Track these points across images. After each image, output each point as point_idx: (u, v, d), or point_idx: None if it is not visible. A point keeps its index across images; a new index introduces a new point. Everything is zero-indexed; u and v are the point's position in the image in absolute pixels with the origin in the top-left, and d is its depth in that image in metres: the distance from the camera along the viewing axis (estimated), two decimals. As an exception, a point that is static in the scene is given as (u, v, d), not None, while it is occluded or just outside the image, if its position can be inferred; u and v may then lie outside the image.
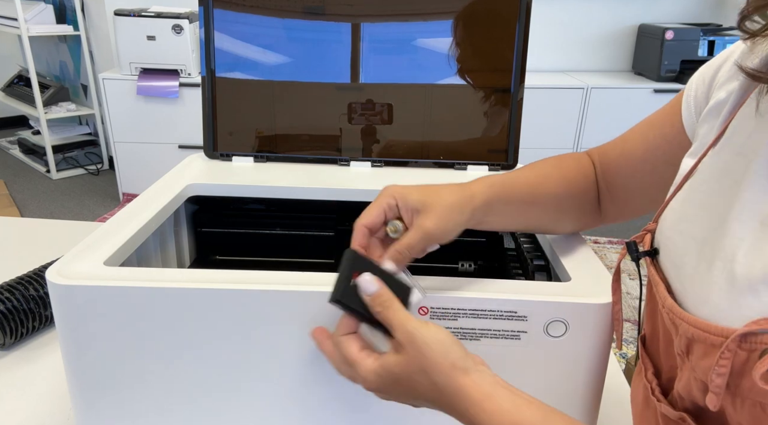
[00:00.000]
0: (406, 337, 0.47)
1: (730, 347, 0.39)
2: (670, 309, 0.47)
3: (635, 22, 3.28)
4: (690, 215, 0.48)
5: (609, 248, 2.80)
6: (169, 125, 3.02)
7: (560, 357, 0.55)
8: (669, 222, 0.51)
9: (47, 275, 0.55)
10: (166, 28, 2.84)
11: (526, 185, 0.62)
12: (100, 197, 3.29)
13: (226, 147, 0.83)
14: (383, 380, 0.48)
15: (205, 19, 0.80)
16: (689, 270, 0.46)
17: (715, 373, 0.40)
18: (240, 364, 0.57)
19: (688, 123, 0.56)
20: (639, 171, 0.62)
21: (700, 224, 0.47)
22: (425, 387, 0.47)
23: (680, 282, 0.47)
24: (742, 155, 0.45)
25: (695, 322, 0.43)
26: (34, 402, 0.70)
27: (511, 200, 0.60)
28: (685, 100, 0.56)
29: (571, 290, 0.56)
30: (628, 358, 1.85)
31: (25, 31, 3.21)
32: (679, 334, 0.45)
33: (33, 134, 3.86)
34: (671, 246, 0.49)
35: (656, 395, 0.51)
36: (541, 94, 3.00)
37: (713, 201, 0.46)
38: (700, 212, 0.47)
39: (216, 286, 0.54)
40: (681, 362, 0.47)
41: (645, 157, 0.61)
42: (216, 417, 0.60)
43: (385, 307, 0.49)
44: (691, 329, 0.43)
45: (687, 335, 0.44)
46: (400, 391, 0.49)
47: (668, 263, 0.49)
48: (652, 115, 0.62)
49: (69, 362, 0.58)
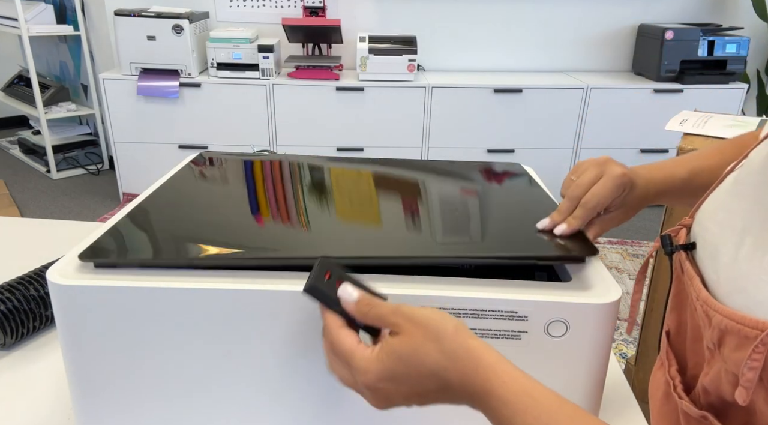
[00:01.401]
0: (403, 317, 0.45)
1: (765, 340, 0.38)
2: (704, 301, 0.46)
3: (635, 22, 3.28)
4: (731, 206, 0.47)
5: (609, 248, 2.80)
6: (169, 125, 3.02)
7: (561, 357, 0.55)
8: (707, 213, 0.50)
9: (47, 275, 0.55)
10: (166, 28, 2.85)
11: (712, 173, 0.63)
12: (100, 197, 3.29)
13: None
14: (385, 366, 0.44)
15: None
16: (726, 259, 0.45)
17: (747, 366, 0.39)
18: (241, 364, 0.57)
19: None
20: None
21: (741, 214, 0.46)
22: (433, 358, 0.43)
23: (715, 272, 0.46)
24: None
25: (730, 314, 0.42)
26: (34, 402, 0.70)
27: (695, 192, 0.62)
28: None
29: (571, 290, 0.56)
30: (627, 358, 1.85)
31: (26, 31, 3.21)
32: (711, 326, 0.44)
33: (33, 134, 3.86)
34: (708, 236, 0.49)
35: (678, 392, 0.50)
36: (541, 94, 3.00)
37: (759, 192, 0.45)
38: (743, 202, 0.46)
39: (216, 286, 0.54)
40: (710, 355, 0.46)
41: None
42: (216, 417, 0.60)
43: (372, 305, 0.47)
44: (725, 320, 0.42)
45: (720, 326, 0.43)
46: (404, 378, 0.44)
47: (704, 255, 0.49)
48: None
49: (69, 362, 0.58)
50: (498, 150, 3.07)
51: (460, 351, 0.43)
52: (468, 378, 0.42)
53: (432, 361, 0.43)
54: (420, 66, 3.25)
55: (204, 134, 3.04)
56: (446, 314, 0.45)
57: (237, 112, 2.99)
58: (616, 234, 2.93)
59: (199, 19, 3.01)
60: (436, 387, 0.44)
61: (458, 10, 3.23)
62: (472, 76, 3.13)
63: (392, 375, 0.44)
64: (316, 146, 3.04)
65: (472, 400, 0.43)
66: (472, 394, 0.42)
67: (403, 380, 0.44)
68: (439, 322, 0.44)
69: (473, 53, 3.32)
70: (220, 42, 2.91)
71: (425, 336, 0.43)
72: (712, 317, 0.44)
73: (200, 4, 3.19)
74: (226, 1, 3.20)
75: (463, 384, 0.42)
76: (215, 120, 3.01)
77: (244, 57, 2.92)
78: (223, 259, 0.59)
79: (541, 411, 0.40)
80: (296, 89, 2.95)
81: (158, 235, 0.63)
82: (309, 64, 3.00)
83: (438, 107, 2.99)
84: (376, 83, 2.95)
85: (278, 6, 3.20)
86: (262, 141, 3.03)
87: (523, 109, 3.02)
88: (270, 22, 3.20)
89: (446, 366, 0.43)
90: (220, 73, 2.95)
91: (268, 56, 2.91)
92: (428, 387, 0.44)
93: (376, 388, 0.45)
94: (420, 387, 0.44)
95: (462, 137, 3.04)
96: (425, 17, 3.24)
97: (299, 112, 2.99)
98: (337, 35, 3.01)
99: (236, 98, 2.97)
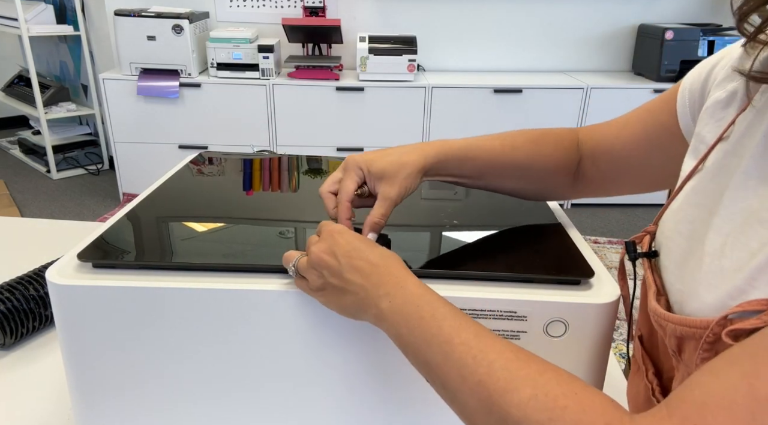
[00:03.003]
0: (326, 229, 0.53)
1: (708, 338, 0.39)
2: (653, 312, 0.47)
3: (635, 22, 3.28)
4: (690, 214, 0.48)
5: (609, 248, 2.80)
6: (169, 125, 3.02)
7: (560, 357, 0.55)
8: (671, 223, 0.51)
9: (47, 275, 0.55)
10: (167, 28, 2.85)
11: (487, 151, 0.65)
12: (100, 197, 3.29)
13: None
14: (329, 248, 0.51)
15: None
16: (689, 270, 0.46)
17: (699, 358, 0.40)
18: (241, 364, 0.57)
19: (681, 113, 0.58)
20: (634, 153, 0.64)
21: (698, 223, 0.47)
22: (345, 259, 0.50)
23: (683, 283, 0.47)
24: (736, 155, 0.45)
25: (680, 320, 0.43)
26: (34, 402, 0.70)
27: (465, 163, 0.64)
28: (681, 92, 0.59)
29: (570, 290, 0.56)
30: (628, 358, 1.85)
31: (26, 31, 3.21)
32: (668, 335, 0.45)
33: (33, 134, 3.86)
34: (674, 247, 0.49)
35: (656, 395, 0.51)
36: (541, 94, 3.00)
37: (706, 201, 0.47)
38: (701, 211, 0.47)
39: (215, 286, 0.54)
40: (676, 362, 0.47)
41: (641, 142, 0.63)
42: (216, 417, 0.60)
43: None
44: (678, 328, 0.43)
45: (676, 334, 0.44)
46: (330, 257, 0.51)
47: (670, 265, 0.50)
48: (650, 102, 0.65)
49: (69, 362, 0.58)
50: (498, 150, 3.07)
51: (372, 261, 0.50)
52: (384, 280, 0.48)
53: (345, 259, 0.50)
54: (420, 66, 3.25)
55: (204, 134, 3.04)
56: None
57: (237, 112, 2.99)
58: (617, 234, 2.93)
59: (199, 19, 3.01)
60: (359, 279, 0.49)
61: (458, 10, 3.23)
62: (472, 76, 3.13)
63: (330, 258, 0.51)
64: (315, 146, 3.04)
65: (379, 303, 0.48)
66: (383, 295, 0.48)
67: (331, 260, 0.51)
68: (355, 238, 0.52)
69: (473, 53, 3.32)
70: (220, 42, 2.90)
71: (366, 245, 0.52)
72: (665, 327, 0.45)
73: (200, 4, 3.19)
74: (226, 1, 3.20)
75: (378, 285, 0.48)
76: (215, 120, 3.01)
77: (244, 57, 2.92)
78: (222, 260, 0.59)
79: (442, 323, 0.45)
80: (296, 89, 2.95)
81: (157, 235, 0.63)
82: (309, 64, 3.00)
83: (438, 107, 2.98)
84: (376, 83, 2.95)
85: (278, 6, 3.20)
86: (262, 141, 3.03)
87: (523, 109, 3.02)
88: (270, 22, 3.20)
89: (357, 266, 0.50)
90: (220, 73, 2.95)
91: (268, 56, 2.91)
92: (353, 278, 0.50)
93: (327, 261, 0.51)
94: (347, 273, 0.50)
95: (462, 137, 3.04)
96: (425, 17, 3.24)
97: (299, 112, 2.99)
98: (337, 35, 3.01)
99: (236, 98, 2.97)
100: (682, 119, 0.58)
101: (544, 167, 0.67)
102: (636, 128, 0.64)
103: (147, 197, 0.72)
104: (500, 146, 0.65)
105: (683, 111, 0.58)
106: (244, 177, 0.83)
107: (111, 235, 0.62)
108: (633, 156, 0.64)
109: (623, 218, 3.12)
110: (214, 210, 0.71)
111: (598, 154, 0.67)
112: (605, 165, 0.67)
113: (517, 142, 0.66)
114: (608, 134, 0.67)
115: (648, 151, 0.63)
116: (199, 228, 0.65)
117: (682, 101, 0.58)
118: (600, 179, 0.68)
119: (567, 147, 0.68)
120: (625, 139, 0.65)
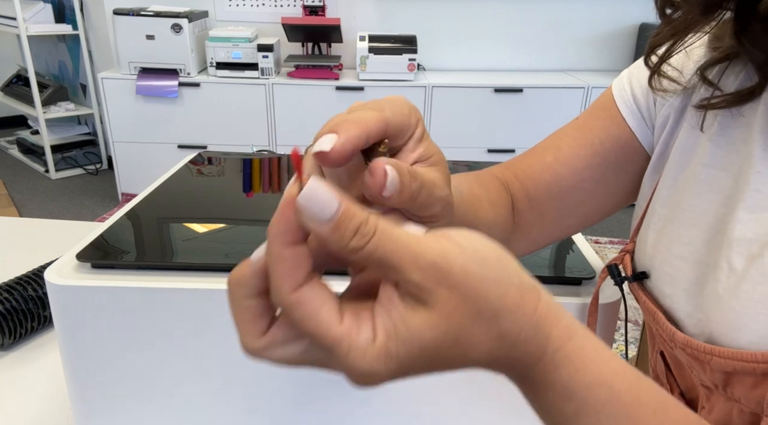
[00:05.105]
0: (432, 274, 0.25)
1: None
2: (685, 344, 0.43)
3: (635, 22, 3.28)
4: (684, 237, 0.45)
5: (609, 248, 2.80)
6: (168, 125, 3.01)
7: (563, 358, 0.55)
8: (661, 246, 0.48)
9: (46, 275, 0.55)
10: (166, 27, 2.84)
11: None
12: (99, 197, 3.29)
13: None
14: (401, 363, 0.26)
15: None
16: (713, 298, 0.42)
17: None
18: (240, 364, 0.57)
19: (636, 126, 0.53)
20: (584, 180, 0.54)
21: (699, 244, 0.44)
22: (485, 348, 0.27)
23: (703, 312, 0.43)
24: (727, 170, 0.43)
25: (734, 355, 0.39)
26: (33, 402, 0.70)
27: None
28: (625, 104, 0.53)
29: (570, 290, 0.56)
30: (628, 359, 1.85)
31: (24, 30, 3.20)
32: (710, 369, 0.42)
33: (32, 134, 3.86)
34: (672, 272, 0.46)
35: None
36: (541, 94, 3.00)
37: (708, 220, 0.44)
38: (699, 232, 0.44)
39: (215, 286, 0.54)
40: (708, 393, 0.44)
41: (592, 164, 0.54)
42: (216, 417, 0.60)
43: (381, 234, 0.25)
44: (730, 362, 0.39)
45: (725, 369, 0.40)
46: (426, 368, 0.27)
47: (675, 292, 0.46)
48: (583, 118, 0.56)
49: (68, 362, 0.58)
50: (498, 150, 3.07)
51: (524, 333, 0.28)
52: (523, 364, 0.29)
53: (480, 352, 0.27)
54: (420, 65, 3.25)
55: (203, 133, 3.03)
56: (501, 254, 0.28)
57: (236, 111, 2.99)
58: (617, 234, 2.93)
59: (198, 18, 3.01)
60: (466, 366, 0.28)
61: (458, 10, 3.23)
62: (473, 76, 3.13)
63: (408, 370, 0.27)
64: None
65: (519, 382, 0.30)
66: (522, 378, 0.30)
67: (424, 370, 0.27)
68: (496, 285, 0.26)
69: (473, 53, 3.32)
70: (220, 41, 2.90)
71: (473, 315, 0.26)
72: (709, 361, 0.41)
73: (199, 3, 3.18)
74: (225, 0, 3.20)
75: (513, 369, 0.29)
76: (214, 120, 3.00)
77: (243, 56, 2.92)
78: (222, 260, 0.58)
79: (619, 409, 0.28)
80: (296, 89, 2.95)
81: (157, 235, 0.63)
82: (309, 63, 3.00)
83: (438, 107, 2.98)
84: (376, 83, 2.94)
85: (278, 5, 3.19)
86: (262, 141, 3.03)
87: (524, 108, 3.01)
88: (269, 21, 3.20)
89: (498, 356, 0.28)
90: (220, 72, 2.94)
91: (267, 56, 2.91)
92: (455, 367, 0.28)
93: (379, 383, 0.27)
94: (444, 369, 0.28)
95: (462, 137, 3.04)
96: (425, 16, 3.24)
97: (299, 111, 2.98)
98: (337, 34, 3.01)
99: (235, 98, 2.96)
100: (640, 133, 0.53)
101: (500, 219, 0.52)
102: (576, 150, 0.55)
103: (146, 197, 0.72)
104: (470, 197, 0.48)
105: (637, 123, 0.52)
106: (244, 177, 0.82)
107: (110, 235, 0.62)
108: (583, 182, 0.54)
109: (624, 218, 3.11)
110: (213, 210, 0.71)
111: (536, 193, 0.55)
112: (548, 203, 0.55)
113: (476, 192, 0.49)
114: (539, 166, 0.56)
115: (603, 173, 0.54)
116: (199, 228, 0.65)
117: (632, 115, 0.52)
118: (545, 221, 0.56)
119: (501, 189, 0.55)
120: (565, 165, 0.55)
